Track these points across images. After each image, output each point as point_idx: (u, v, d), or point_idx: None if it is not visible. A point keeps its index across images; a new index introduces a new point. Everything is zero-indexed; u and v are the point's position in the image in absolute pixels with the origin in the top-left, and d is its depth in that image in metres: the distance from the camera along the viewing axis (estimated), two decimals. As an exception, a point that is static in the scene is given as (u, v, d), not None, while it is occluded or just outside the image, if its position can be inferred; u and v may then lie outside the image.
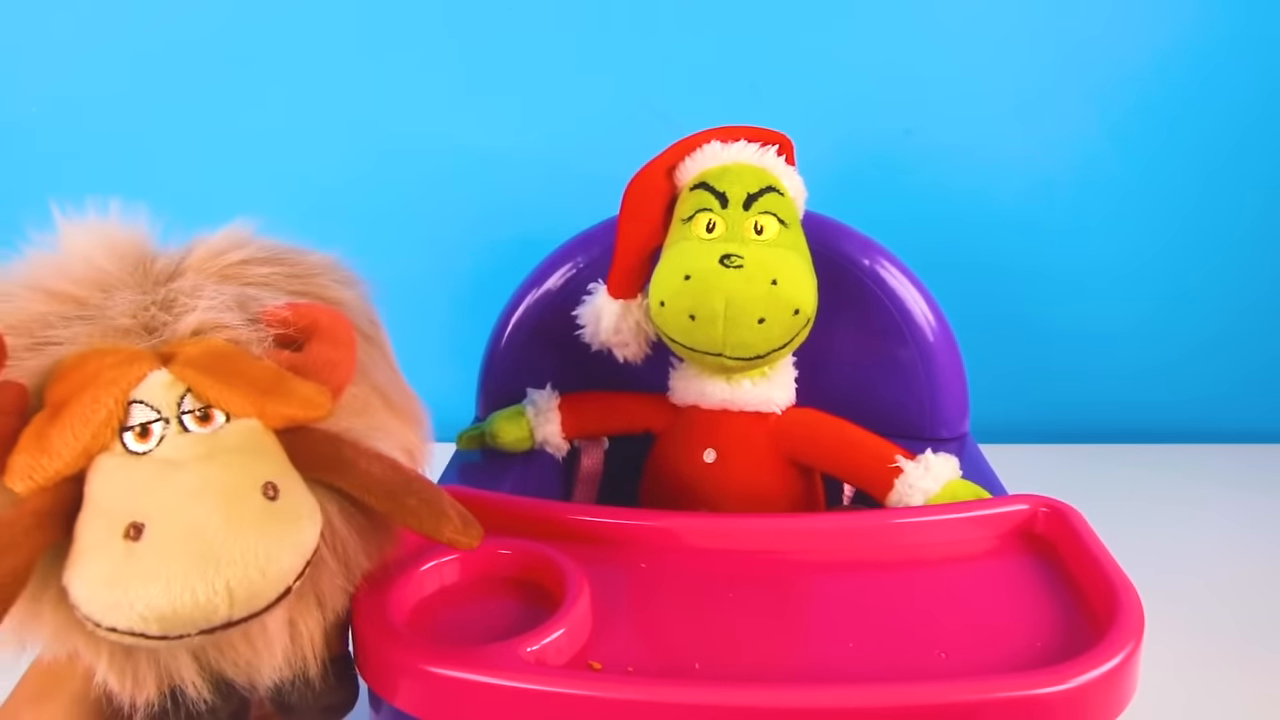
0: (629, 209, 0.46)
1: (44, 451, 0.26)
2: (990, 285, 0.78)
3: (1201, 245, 0.78)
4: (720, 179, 0.45)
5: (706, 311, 0.42)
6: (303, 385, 0.29)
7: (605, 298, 0.48)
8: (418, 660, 0.30)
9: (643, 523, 0.39)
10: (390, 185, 0.76)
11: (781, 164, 0.47)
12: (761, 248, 0.43)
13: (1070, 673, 0.28)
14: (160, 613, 0.24)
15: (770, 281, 0.42)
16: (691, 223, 0.44)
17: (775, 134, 0.47)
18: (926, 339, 0.51)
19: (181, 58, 0.73)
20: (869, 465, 0.45)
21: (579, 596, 0.33)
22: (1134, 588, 0.32)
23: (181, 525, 0.25)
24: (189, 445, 0.27)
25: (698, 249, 0.43)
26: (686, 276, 0.42)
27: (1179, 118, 0.75)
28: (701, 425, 0.47)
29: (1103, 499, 0.49)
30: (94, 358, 0.28)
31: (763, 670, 0.32)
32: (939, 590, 0.35)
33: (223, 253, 0.32)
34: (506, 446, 0.51)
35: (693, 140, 0.47)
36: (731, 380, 0.46)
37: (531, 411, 0.51)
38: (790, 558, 0.38)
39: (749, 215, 0.44)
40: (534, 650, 0.31)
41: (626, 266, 0.47)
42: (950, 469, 0.43)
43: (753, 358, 0.43)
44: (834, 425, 0.47)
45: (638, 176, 0.46)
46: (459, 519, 0.30)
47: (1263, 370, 0.81)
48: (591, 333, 0.49)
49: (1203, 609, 0.54)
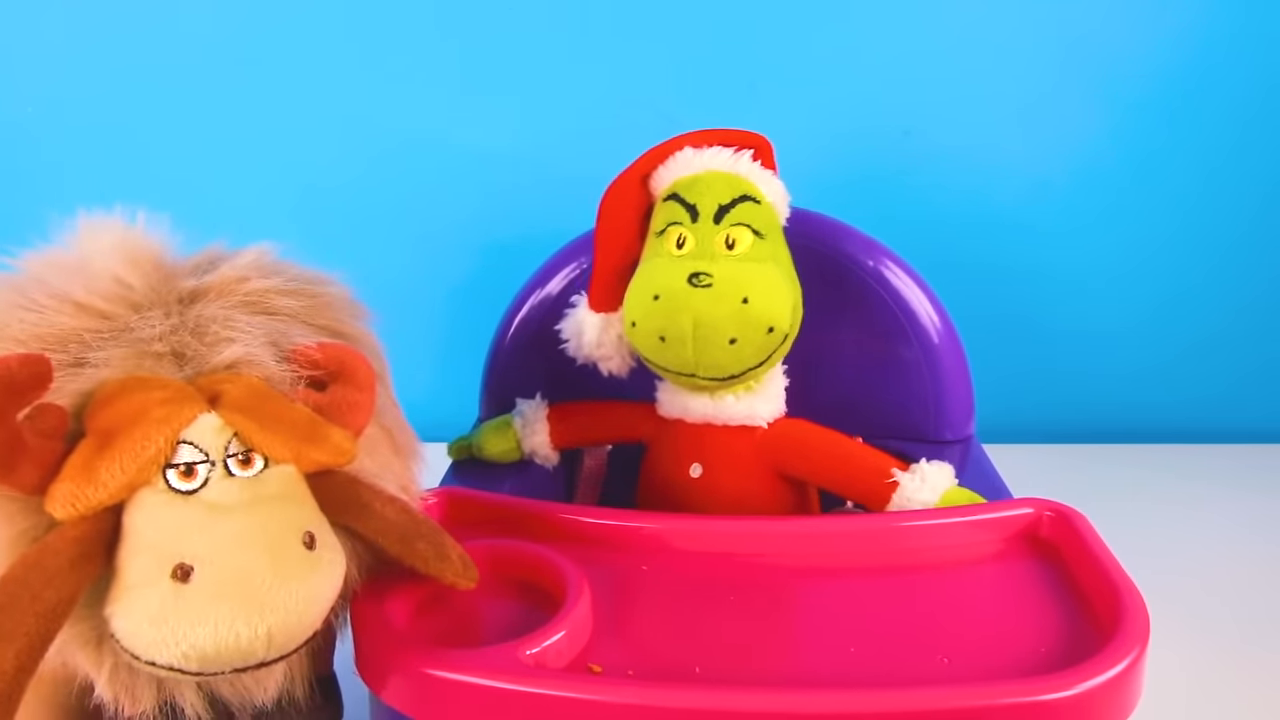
0: (604, 221, 0.45)
1: (90, 482, 0.26)
2: (989, 285, 0.78)
3: (1201, 244, 0.78)
4: (691, 189, 0.43)
5: (675, 333, 0.40)
6: (334, 431, 0.30)
7: (586, 310, 0.46)
8: (417, 663, 0.30)
9: (644, 525, 0.39)
10: (388, 184, 0.76)
11: (757, 170, 0.45)
12: (732, 263, 0.41)
13: (1075, 678, 0.28)
14: (203, 653, 0.25)
15: (741, 300, 0.40)
16: (663, 237, 0.43)
17: (752, 136, 0.45)
18: (931, 340, 0.51)
19: (178, 56, 0.73)
20: (862, 479, 0.43)
21: (579, 599, 0.33)
22: (1139, 593, 0.32)
23: (230, 571, 0.26)
24: (235, 490, 0.28)
25: (667, 267, 0.42)
26: (655, 296, 0.41)
27: (1178, 117, 0.74)
28: (686, 439, 0.45)
29: (1102, 499, 0.48)
30: (139, 389, 0.28)
31: (764, 674, 0.31)
32: (942, 595, 0.35)
33: (247, 279, 0.32)
34: (493, 459, 0.50)
35: (665, 147, 0.45)
36: (715, 396, 0.44)
37: (519, 423, 0.50)
38: (793, 562, 0.38)
39: (720, 229, 0.42)
40: (534, 653, 0.30)
41: (605, 279, 0.45)
42: (946, 477, 0.42)
43: (726, 378, 0.42)
44: (823, 438, 0.45)
45: (611, 187, 0.45)
46: (459, 561, 0.32)
47: (1262, 370, 0.81)
48: (575, 346, 0.47)
49: (1202, 609, 0.54)
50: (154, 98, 0.74)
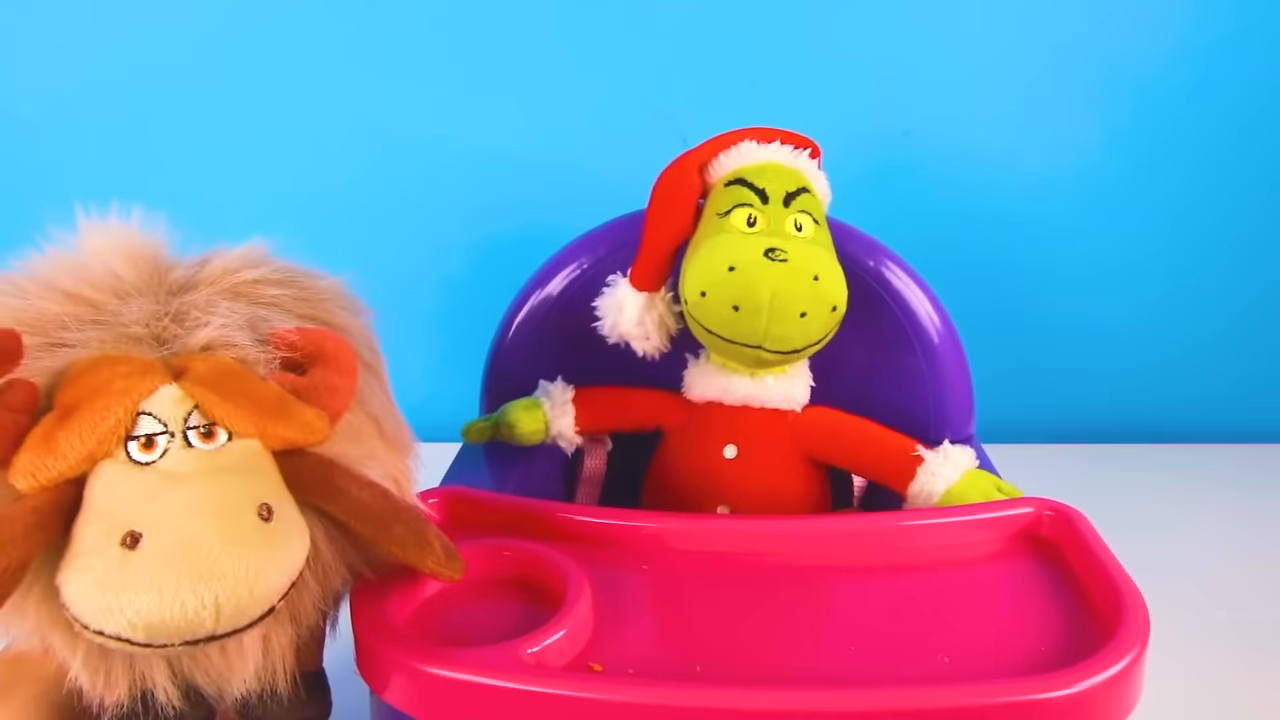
0: (659, 201, 0.47)
1: (50, 453, 0.26)
2: (989, 284, 0.78)
3: (1201, 244, 0.78)
4: (759, 176, 0.46)
5: (751, 303, 0.42)
6: (304, 410, 0.29)
7: (628, 289, 0.48)
8: (417, 661, 0.30)
9: (645, 524, 0.39)
10: (387, 184, 0.76)
11: (813, 167, 0.48)
12: (802, 244, 0.44)
13: (1075, 677, 0.28)
14: (148, 621, 0.25)
15: (813, 277, 0.42)
16: (729, 217, 0.45)
17: (805, 139, 0.49)
18: (932, 341, 0.51)
19: (179, 56, 0.73)
20: (891, 458, 0.46)
21: (580, 598, 0.33)
22: (1139, 592, 0.32)
23: (177, 538, 0.26)
24: (191, 460, 0.28)
25: (741, 241, 0.43)
26: (731, 268, 0.42)
27: (1179, 116, 0.75)
28: (722, 421, 0.47)
29: (1104, 499, 0.49)
30: (106, 365, 0.28)
31: (765, 673, 0.31)
32: (943, 594, 0.35)
33: (236, 270, 0.32)
34: (522, 438, 0.50)
35: (728, 138, 0.47)
36: (755, 376, 0.46)
37: (547, 404, 0.50)
38: (793, 561, 0.38)
39: (789, 212, 0.45)
40: (535, 651, 0.30)
41: (653, 259, 0.47)
42: (969, 459, 0.44)
43: (790, 351, 0.44)
44: (854, 422, 0.48)
45: (670, 169, 0.47)
46: (442, 551, 0.31)
47: (1262, 369, 0.81)
48: (612, 324, 0.48)
49: (1201, 610, 0.54)
50: (154, 97, 0.74)
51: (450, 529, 0.32)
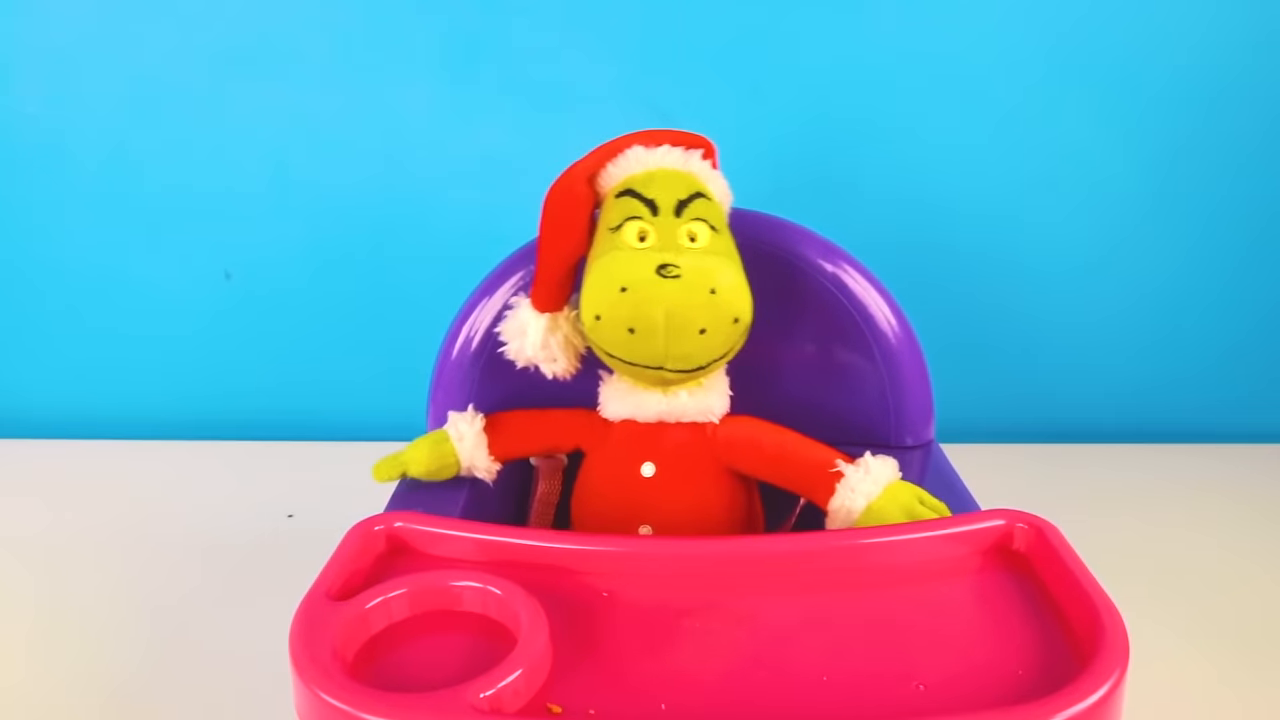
0: (550, 218, 0.44)
1: None
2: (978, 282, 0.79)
3: (1202, 242, 0.79)
4: (648, 185, 0.43)
5: (646, 325, 0.40)
6: None
7: (530, 311, 0.46)
8: (361, 710, 0.28)
9: (604, 548, 0.37)
10: (387, 184, 0.75)
11: (707, 168, 0.45)
12: (697, 255, 0.41)
13: (1055, 707, 0.27)
14: None
15: (709, 290, 0.40)
16: (620, 231, 0.42)
17: (699, 138, 0.46)
18: (890, 344, 0.50)
19: (180, 56, 0.73)
20: (810, 471, 0.43)
21: (536, 632, 0.31)
22: (1116, 610, 0.31)
23: None
24: None
25: (632, 258, 0.41)
26: (623, 288, 0.40)
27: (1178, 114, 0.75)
28: (637, 439, 0.45)
29: (1065, 500, 0.48)
30: None
31: (733, 709, 0.30)
32: (914, 615, 0.34)
33: None
34: (425, 477, 0.47)
35: (613, 145, 0.45)
36: (668, 392, 0.44)
37: (455, 436, 0.47)
38: (758, 582, 0.36)
39: (681, 222, 0.42)
40: (488, 695, 0.28)
41: (550, 278, 0.45)
42: (890, 471, 0.42)
43: (694, 369, 0.42)
44: (774, 432, 0.46)
45: (557, 184, 0.44)
46: None
47: (1264, 370, 0.82)
48: (516, 349, 0.46)
49: (1201, 610, 0.54)
50: (154, 97, 0.73)
51: (394, 560, 0.30)
